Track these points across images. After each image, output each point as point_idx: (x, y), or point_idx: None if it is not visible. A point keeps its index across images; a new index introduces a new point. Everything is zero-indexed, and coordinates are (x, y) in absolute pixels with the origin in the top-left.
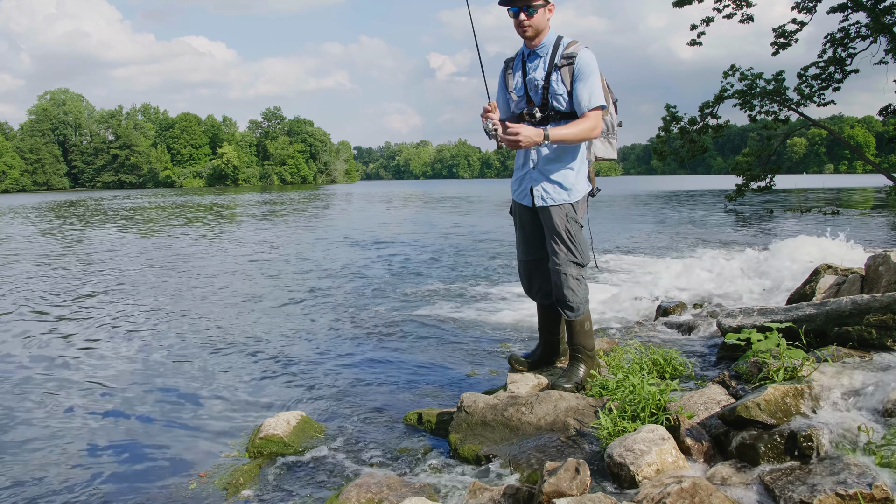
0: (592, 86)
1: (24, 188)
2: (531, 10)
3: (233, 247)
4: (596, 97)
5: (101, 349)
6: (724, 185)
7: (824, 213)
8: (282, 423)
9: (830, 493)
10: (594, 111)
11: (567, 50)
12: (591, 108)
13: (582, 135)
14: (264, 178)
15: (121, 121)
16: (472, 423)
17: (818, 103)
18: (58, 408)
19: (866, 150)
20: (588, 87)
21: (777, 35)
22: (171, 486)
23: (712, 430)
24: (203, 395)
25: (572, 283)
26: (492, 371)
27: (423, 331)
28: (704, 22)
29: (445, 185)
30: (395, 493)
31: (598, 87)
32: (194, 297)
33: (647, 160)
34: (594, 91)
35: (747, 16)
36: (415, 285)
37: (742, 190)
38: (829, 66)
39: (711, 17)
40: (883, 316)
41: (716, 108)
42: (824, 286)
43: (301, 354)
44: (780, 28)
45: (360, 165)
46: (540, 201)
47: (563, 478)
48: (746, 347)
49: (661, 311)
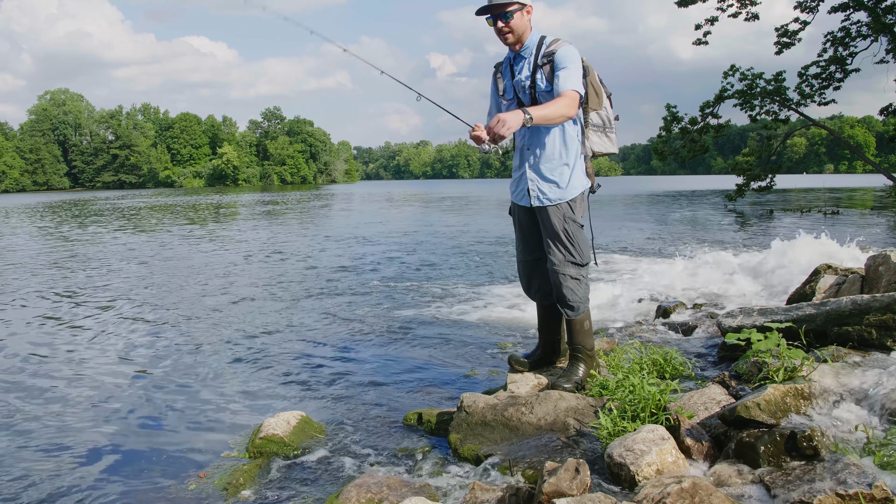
0: (568, 73)
1: (24, 188)
2: (507, 15)
3: (232, 247)
4: (570, 82)
5: (100, 349)
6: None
7: (824, 213)
8: (282, 423)
9: (830, 493)
10: (570, 91)
11: (549, 48)
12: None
13: (561, 110)
14: (264, 178)
15: (121, 121)
16: (472, 423)
17: (819, 102)
18: (57, 407)
19: (866, 150)
20: (563, 74)
21: (780, 34)
22: (171, 487)
23: (712, 430)
24: (203, 395)
25: (571, 283)
26: (492, 371)
27: (423, 331)
28: (709, 21)
29: (445, 185)
30: (395, 493)
31: (574, 73)
32: (194, 297)
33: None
34: (569, 77)
35: (752, 14)
36: (415, 285)
37: (742, 190)
38: (830, 66)
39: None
40: (883, 316)
41: (716, 107)
42: (824, 286)
43: (301, 354)
44: (783, 27)
45: (360, 165)
46: (536, 201)
47: (563, 478)
48: (746, 347)
49: (661, 311)
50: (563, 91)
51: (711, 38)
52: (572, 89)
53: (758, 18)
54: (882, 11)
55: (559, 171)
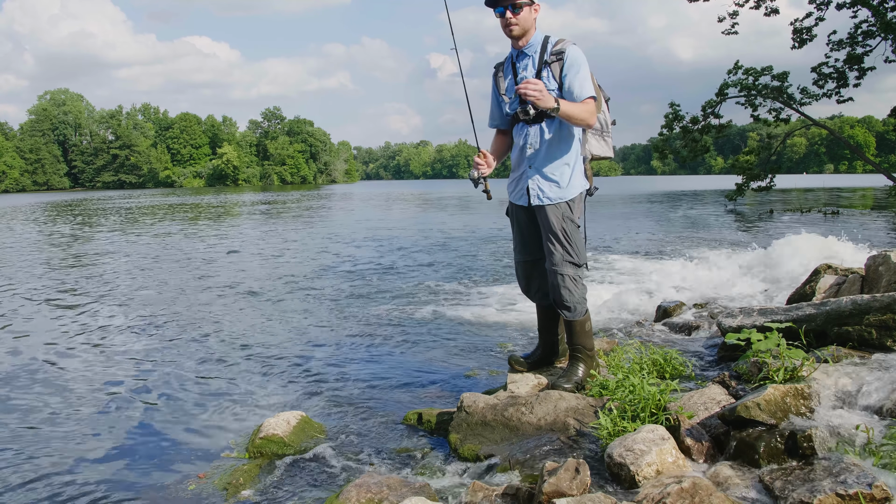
0: (583, 77)
1: (24, 188)
2: (517, 8)
3: (231, 246)
4: (587, 89)
5: (100, 349)
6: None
7: (824, 213)
8: (282, 423)
9: (830, 493)
10: (591, 101)
11: (556, 47)
12: (584, 98)
13: (583, 115)
14: (264, 178)
15: (121, 121)
16: (472, 423)
17: (838, 100)
18: (57, 408)
19: (866, 150)
20: (579, 79)
21: (794, 30)
22: (171, 487)
23: (712, 430)
24: (203, 395)
25: (569, 283)
26: (492, 371)
27: (423, 331)
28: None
29: (445, 186)
30: (395, 493)
31: (588, 79)
32: (194, 297)
33: (647, 160)
34: (584, 83)
35: (772, 9)
36: (415, 285)
37: (742, 189)
38: (844, 64)
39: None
40: (883, 316)
41: (718, 107)
42: (824, 286)
43: (301, 354)
44: (797, 20)
45: (360, 165)
46: (536, 200)
47: (563, 478)
48: (746, 347)
49: (661, 311)
50: (585, 100)
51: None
52: (590, 96)
53: (777, 13)
54: (886, 10)
55: (560, 171)
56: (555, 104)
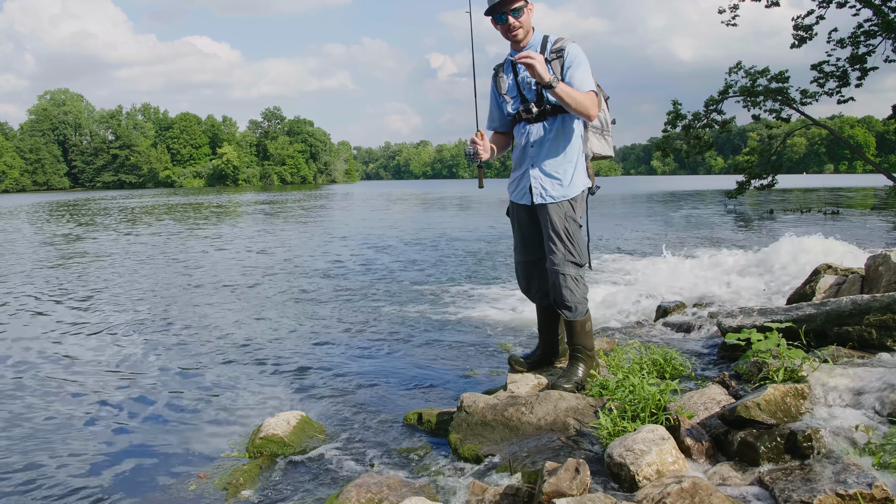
0: (584, 72)
1: (24, 188)
2: (517, 12)
3: (231, 247)
4: (588, 83)
5: (100, 349)
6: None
7: (824, 213)
8: (282, 423)
9: (830, 493)
10: (592, 94)
11: (555, 45)
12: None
13: (583, 100)
14: (264, 178)
15: (120, 121)
16: (472, 423)
17: (839, 100)
18: (56, 408)
19: (866, 150)
20: (580, 73)
21: (795, 26)
22: (171, 487)
23: (712, 430)
24: (203, 395)
25: (570, 283)
26: (492, 371)
27: (423, 331)
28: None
29: (445, 186)
30: (395, 493)
31: (589, 74)
32: (193, 298)
33: (647, 160)
34: (585, 77)
35: (773, 1)
36: (414, 286)
37: (743, 187)
38: (845, 64)
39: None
40: (883, 316)
41: (720, 104)
42: (824, 286)
43: (301, 354)
44: (798, 18)
45: (360, 165)
46: (538, 198)
47: (563, 478)
48: (746, 347)
49: (661, 311)
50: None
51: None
52: (592, 90)
53: (778, 5)
54: (888, 10)
55: (563, 169)
56: (551, 77)
